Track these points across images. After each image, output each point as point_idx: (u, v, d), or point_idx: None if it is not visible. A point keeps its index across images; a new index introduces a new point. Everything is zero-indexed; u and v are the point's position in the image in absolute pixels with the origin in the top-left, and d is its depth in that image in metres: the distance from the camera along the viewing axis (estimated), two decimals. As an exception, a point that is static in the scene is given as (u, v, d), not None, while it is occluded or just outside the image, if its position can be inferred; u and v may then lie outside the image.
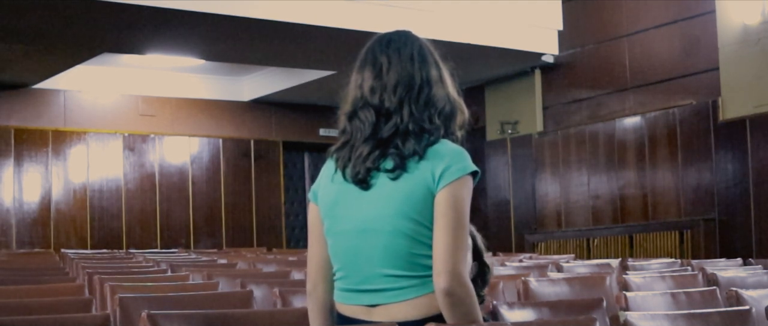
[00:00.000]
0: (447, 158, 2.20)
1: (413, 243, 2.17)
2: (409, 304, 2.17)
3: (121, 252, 12.35)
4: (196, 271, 6.28)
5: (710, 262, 7.78)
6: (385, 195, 2.19)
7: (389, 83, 2.26)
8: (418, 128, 2.21)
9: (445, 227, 2.14)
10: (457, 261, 2.12)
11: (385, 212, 2.18)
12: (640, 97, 12.59)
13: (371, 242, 2.20)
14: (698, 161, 11.80)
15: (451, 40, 12.08)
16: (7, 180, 14.28)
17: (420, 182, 2.17)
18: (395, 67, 2.28)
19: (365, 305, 2.22)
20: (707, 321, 2.66)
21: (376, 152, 2.21)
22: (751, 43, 11.25)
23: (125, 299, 3.66)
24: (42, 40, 11.69)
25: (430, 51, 2.38)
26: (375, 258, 2.20)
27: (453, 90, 2.37)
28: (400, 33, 2.39)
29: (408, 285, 2.17)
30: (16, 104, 14.39)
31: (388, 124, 2.22)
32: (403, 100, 2.24)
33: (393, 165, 2.19)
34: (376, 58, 2.31)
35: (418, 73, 2.28)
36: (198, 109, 15.75)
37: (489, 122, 14.96)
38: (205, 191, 15.65)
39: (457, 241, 2.13)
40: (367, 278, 2.21)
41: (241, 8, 10.62)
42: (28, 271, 6.77)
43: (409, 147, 2.19)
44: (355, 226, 2.23)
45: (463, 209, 2.18)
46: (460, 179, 2.19)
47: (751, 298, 3.46)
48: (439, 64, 2.37)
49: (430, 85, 2.28)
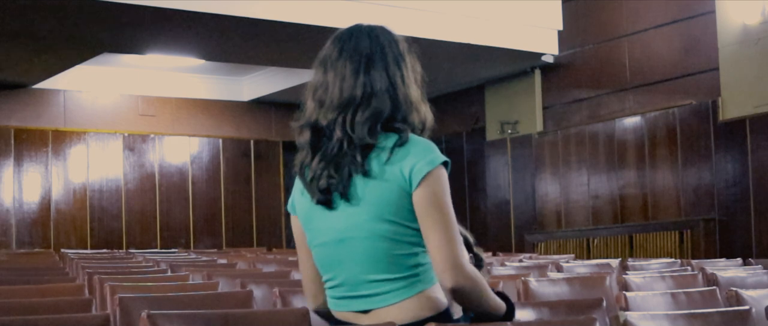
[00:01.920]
0: (412, 155, 2.16)
1: (393, 244, 2.15)
2: (398, 308, 2.15)
3: (121, 252, 12.35)
4: (196, 271, 6.28)
5: (710, 262, 7.78)
6: (354, 207, 2.16)
7: (331, 102, 2.21)
8: (355, 146, 2.16)
9: (434, 225, 2.12)
10: (456, 254, 2.11)
11: (358, 219, 2.16)
12: (640, 97, 12.59)
13: (350, 250, 2.19)
14: (698, 161, 11.80)
15: (452, 40, 12.10)
16: (7, 180, 14.28)
17: (391, 184, 2.14)
18: (338, 83, 2.22)
19: (356, 311, 2.22)
20: (707, 321, 2.66)
21: (327, 172, 2.18)
22: (751, 43, 11.25)
23: (125, 299, 3.66)
24: (42, 40, 11.69)
25: (383, 52, 2.26)
26: (357, 266, 2.18)
27: (410, 88, 2.27)
28: (353, 35, 2.29)
29: (394, 288, 2.16)
30: (16, 104, 14.39)
31: (331, 143, 2.19)
32: (338, 118, 2.19)
33: (347, 186, 2.16)
34: (326, 70, 2.26)
35: (359, 88, 2.20)
36: (198, 109, 15.75)
37: (489, 122, 14.95)
38: (205, 191, 15.65)
39: (448, 235, 2.12)
40: (354, 285, 2.20)
41: (241, 8, 10.62)
42: (28, 271, 6.77)
43: (347, 170, 2.15)
44: (332, 238, 2.22)
45: (444, 202, 2.14)
46: (431, 173, 2.14)
47: (751, 298, 3.46)
48: (390, 67, 2.25)
49: (370, 98, 2.19)
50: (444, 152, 2.26)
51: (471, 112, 15.28)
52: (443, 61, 13.13)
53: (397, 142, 2.17)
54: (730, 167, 11.51)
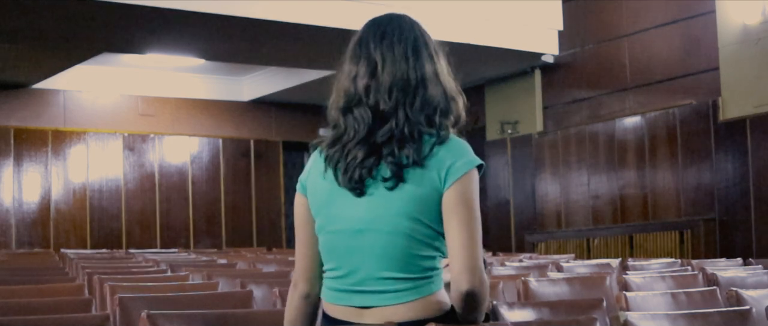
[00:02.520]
0: (451, 155, 2.14)
1: (412, 242, 2.11)
2: (404, 307, 2.12)
3: (120, 252, 12.36)
4: (195, 271, 6.29)
5: (710, 262, 7.78)
6: (384, 198, 2.12)
7: (384, 84, 2.16)
8: (415, 132, 2.13)
9: (460, 224, 2.08)
10: (477, 257, 2.08)
11: (384, 212, 2.12)
12: (640, 97, 12.59)
13: (368, 243, 2.14)
14: (698, 161, 11.80)
15: (452, 40, 12.03)
16: (6, 180, 14.28)
17: (425, 185, 2.11)
18: (389, 66, 2.18)
19: (357, 306, 2.17)
20: (707, 321, 2.66)
21: (371, 159, 2.13)
22: (751, 43, 11.25)
23: (125, 299, 3.66)
24: (42, 40, 11.69)
25: (426, 42, 2.27)
26: (372, 260, 2.14)
27: (450, 81, 2.28)
28: (394, 22, 2.29)
29: (405, 287, 2.12)
30: (16, 104, 14.39)
31: (384, 128, 2.13)
32: (399, 102, 2.15)
33: (390, 174, 2.11)
34: (371, 53, 2.22)
35: (413, 72, 2.18)
36: (198, 109, 15.75)
37: (489, 122, 14.96)
38: (205, 191, 15.65)
39: (473, 237, 2.09)
40: (362, 279, 2.15)
41: (241, 8, 10.62)
42: (27, 271, 6.77)
43: (406, 155, 2.11)
44: (350, 227, 2.16)
45: (473, 204, 2.12)
46: (466, 174, 2.12)
47: (751, 298, 3.46)
48: (433, 56, 2.26)
49: (425, 84, 2.18)
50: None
51: (471, 112, 15.21)
52: (443, 61, 13.11)
53: (438, 139, 2.15)
54: (730, 167, 11.51)
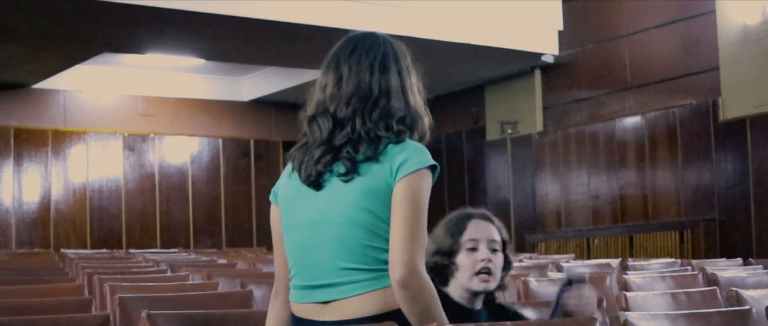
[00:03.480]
0: (405, 152, 2.19)
1: (369, 234, 2.15)
2: (363, 299, 2.15)
3: (120, 252, 12.36)
4: (195, 271, 6.29)
5: (710, 262, 7.78)
6: (340, 191, 2.20)
7: (345, 93, 2.27)
8: (372, 135, 2.21)
9: (402, 219, 2.12)
10: (413, 252, 2.09)
11: (340, 204, 2.18)
12: (640, 97, 12.59)
13: (324, 234, 2.20)
14: (698, 161, 11.80)
15: (452, 40, 12.10)
16: (6, 180, 14.28)
17: (378, 177, 2.17)
18: (353, 77, 2.28)
19: (318, 302, 2.21)
20: (707, 321, 2.66)
21: (328, 156, 2.22)
22: (751, 43, 11.25)
23: (125, 299, 3.66)
24: (42, 40, 11.69)
25: (396, 57, 2.36)
26: (328, 251, 2.19)
27: (417, 98, 2.35)
28: (367, 37, 2.38)
29: (362, 278, 2.15)
30: (16, 104, 14.39)
31: (342, 133, 2.23)
32: (356, 111, 2.24)
33: (345, 169, 2.20)
34: (339, 65, 2.32)
35: (376, 84, 2.27)
36: (198, 109, 15.76)
37: (489, 122, 14.95)
38: (205, 191, 15.65)
39: (413, 233, 2.11)
40: (320, 272, 2.20)
41: (241, 8, 10.62)
42: (27, 271, 6.77)
43: (361, 151, 2.20)
44: (308, 219, 2.24)
45: (420, 202, 2.15)
46: (417, 172, 2.17)
47: (751, 298, 3.45)
48: (403, 72, 2.34)
49: (387, 96, 2.26)
50: (444, 152, 2.29)
51: (471, 112, 15.27)
52: (443, 61, 13.12)
53: (394, 140, 2.20)
54: (730, 167, 11.51)
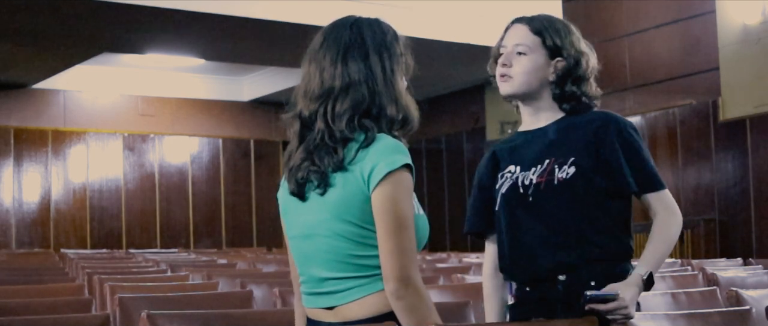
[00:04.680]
0: (374, 157, 2.10)
1: (354, 245, 2.12)
2: (362, 303, 2.13)
3: (120, 252, 12.36)
4: (195, 271, 6.29)
5: (710, 262, 7.78)
6: (320, 204, 2.15)
7: (309, 92, 2.20)
8: (336, 139, 2.13)
9: (385, 231, 2.07)
10: (403, 264, 2.05)
11: (323, 217, 2.14)
12: (640, 97, 12.59)
13: (315, 247, 2.18)
14: (698, 161, 11.80)
15: (452, 40, 12.10)
16: (6, 180, 14.28)
17: (351, 185, 2.11)
18: (318, 75, 2.20)
19: (322, 307, 2.21)
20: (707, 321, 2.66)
21: (306, 163, 2.16)
22: (751, 43, 11.25)
23: (125, 299, 3.65)
24: (42, 40, 11.69)
25: (364, 43, 2.24)
26: (320, 263, 2.17)
27: (395, 84, 2.22)
28: (337, 27, 2.30)
29: (356, 285, 2.14)
30: (16, 104, 14.40)
31: (311, 136, 2.17)
32: (316, 111, 2.17)
33: (317, 182, 2.14)
34: (309, 63, 2.27)
35: (338, 79, 2.18)
36: (198, 109, 15.76)
37: (489, 122, 14.95)
38: (205, 191, 15.66)
39: (401, 244, 2.06)
40: (317, 282, 2.20)
41: (241, 8, 10.62)
42: (27, 271, 6.77)
43: (327, 162, 2.12)
44: (300, 232, 2.21)
45: (400, 208, 2.08)
46: (389, 177, 2.08)
47: (751, 298, 3.45)
48: (373, 57, 2.21)
49: (350, 88, 2.16)
50: (444, 152, 2.25)
51: (471, 112, 15.27)
52: (443, 61, 13.12)
53: (363, 143, 2.12)
54: (730, 167, 11.51)
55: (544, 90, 2.59)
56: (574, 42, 2.61)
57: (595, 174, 2.46)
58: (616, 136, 2.49)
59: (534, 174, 2.52)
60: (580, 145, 2.49)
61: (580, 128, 2.52)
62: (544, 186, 2.49)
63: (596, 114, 2.57)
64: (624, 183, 2.49)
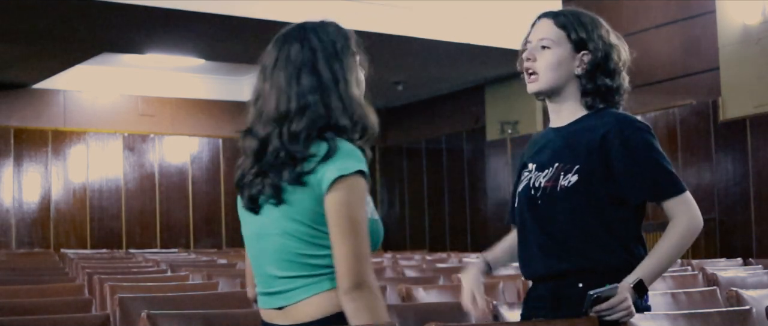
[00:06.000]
0: (329, 162, 2.11)
1: (303, 244, 2.14)
2: (310, 303, 2.15)
3: (120, 252, 12.36)
4: (195, 271, 6.29)
5: (710, 262, 7.78)
6: (274, 210, 2.18)
7: (264, 112, 2.20)
8: (294, 157, 2.14)
9: (339, 235, 2.08)
10: (357, 268, 2.06)
11: (274, 216, 2.17)
12: (640, 97, 12.57)
13: (266, 246, 2.20)
14: (698, 161, 11.80)
15: (452, 40, 12.10)
16: (6, 180, 14.28)
17: (308, 190, 2.13)
18: (272, 96, 2.19)
19: (274, 308, 2.22)
20: (707, 321, 2.66)
21: (258, 179, 2.18)
22: (751, 43, 11.25)
23: (125, 299, 3.65)
24: (42, 40, 11.69)
25: (315, 57, 2.22)
26: (270, 262, 2.20)
27: (352, 93, 2.20)
28: (287, 41, 2.28)
29: (303, 285, 2.15)
30: (16, 104, 14.40)
31: (266, 156, 2.18)
32: (272, 132, 2.17)
33: (272, 194, 2.16)
34: (262, 81, 2.25)
35: (294, 101, 2.17)
36: (198, 109, 15.76)
37: (489, 122, 14.95)
38: (205, 191, 15.66)
39: (354, 247, 2.07)
40: (269, 282, 2.22)
41: (241, 8, 10.62)
42: (27, 271, 6.78)
43: (285, 178, 2.14)
44: (252, 231, 2.25)
45: (353, 212, 2.08)
46: (342, 181, 2.09)
47: (751, 298, 3.45)
48: (322, 71, 2.20)
49: (304, 109, 2.16)
50: (444, 152, 2.24)
51: (471, 112, 15.27)
52: (443, 61, 13.12)
53: (325, 155, 2.12)
54: (730, 167, 11.51)
55: (570, 85, 2.56)
56: (602, 35, 2.57)
57: (600, 182, 2.45)
58: (622, 142, 2.47)
59: (544, 177, 2.52)
60: (586, 151, 2.47)
61: (589, 132, 2.50)
62: (550, 191, 2.49)
63: (610, 116, 2.53)
64: (627, 193, 2.47)
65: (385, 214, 17.10)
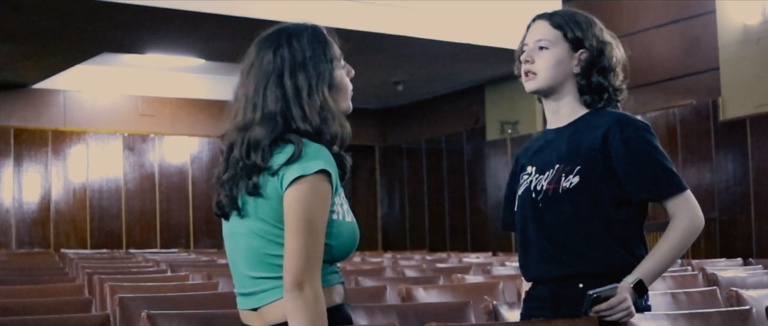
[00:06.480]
0: (294, 164, 2.10)
1: (269, 243, 2.14)
2: (277, 306, 2.14)
3: (120, 252, 12.36)
4: (195, 271, 6.29)
5: (710, 262, 7.79)
6: (241, 211, 2.20)
7: (236, 122, 2.22)
8: (251, 167, 2.15)
9: (290, 232, 2.08)
10: (301, 267, 2.05)
11: (242, 218, 2.18)
12: (640, 97, 12.59)
13: (236, 245, 2.21)
14: (698, 161, 11.80)
15: (452, 40, 12.10)
16: (6, 180, 14.28)
17: (272, 191, 2.13)
18: (242, 104, 2.21)
19: (249, 309, 2.22)
20: (707, 321, 2.66)
21: (227, 186, 2.19)
22: (751, 43, 11.25)
23: (125, 299, 3.65)
24: (42, 40, 11.69)
25: (283, 67, 2.21)
26: (241, 261, 2.20)
27: (318, 100, 2.18)
28: (261, 50, 2.26)
29: (272, 286, 2.15)
30: (16, 104, 14.40)
31: (232, 162, 2.20)
32: (236, 140, 2.19)
33: (228, 204, 2.19)
34: (241, 84, 2.26)
35: (259, 112, 2.18)
36: (198, 109, 15.76)
37: (489, 122, 14.95)
38: (205, 191, 15.64)
39: (302, 246, 2.06)
40: (241, 282, 2.22)
41: (241, 8, 10.63)
42: (28, 271, 6.78)
43: (245, 188, 2.16)
44: (227, 231, 2.26)
45: (307, 211, 2.07)
46: (300, 181, 2.08)
47: (751, 298, 3.45)
48: (286, 81, 2.19)
49: (263, 121, 2.17)
50: (444, 152, 2.23)
51: (471, 112, 15.27)
52: (443, 61, 13.12)
53: (289, 158, 2.11)
54: (730, 167, 11.51)
55: (567, 84, 2.57)
56: (596, 33, 2.61)
57: (601, 182, 2.45)
58: (622, 141, 2.47)
59: (545, 179, 2.52)
60: (587, 151, 2.47)
61: (590, 132, 2.50)
62: (551, 194, 2.49)
63: (609, 116, 2.54)
64: (628, 192, 2.46)
65: (385, 214, 17.09)
